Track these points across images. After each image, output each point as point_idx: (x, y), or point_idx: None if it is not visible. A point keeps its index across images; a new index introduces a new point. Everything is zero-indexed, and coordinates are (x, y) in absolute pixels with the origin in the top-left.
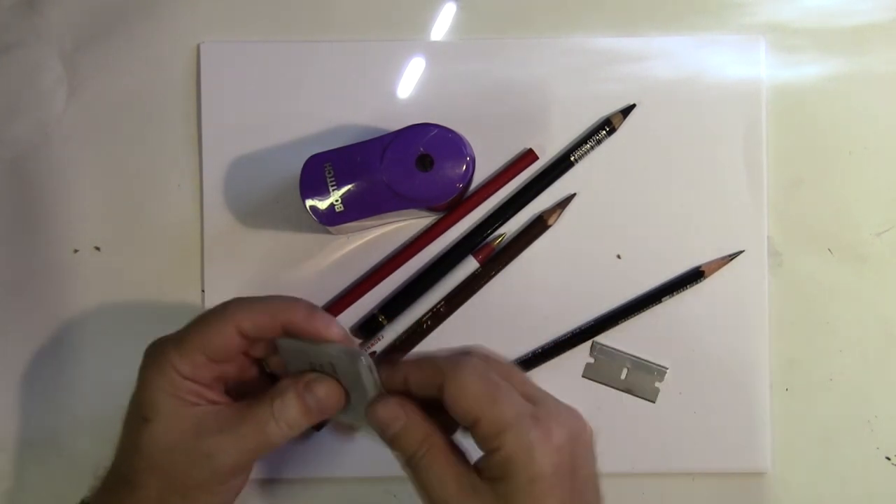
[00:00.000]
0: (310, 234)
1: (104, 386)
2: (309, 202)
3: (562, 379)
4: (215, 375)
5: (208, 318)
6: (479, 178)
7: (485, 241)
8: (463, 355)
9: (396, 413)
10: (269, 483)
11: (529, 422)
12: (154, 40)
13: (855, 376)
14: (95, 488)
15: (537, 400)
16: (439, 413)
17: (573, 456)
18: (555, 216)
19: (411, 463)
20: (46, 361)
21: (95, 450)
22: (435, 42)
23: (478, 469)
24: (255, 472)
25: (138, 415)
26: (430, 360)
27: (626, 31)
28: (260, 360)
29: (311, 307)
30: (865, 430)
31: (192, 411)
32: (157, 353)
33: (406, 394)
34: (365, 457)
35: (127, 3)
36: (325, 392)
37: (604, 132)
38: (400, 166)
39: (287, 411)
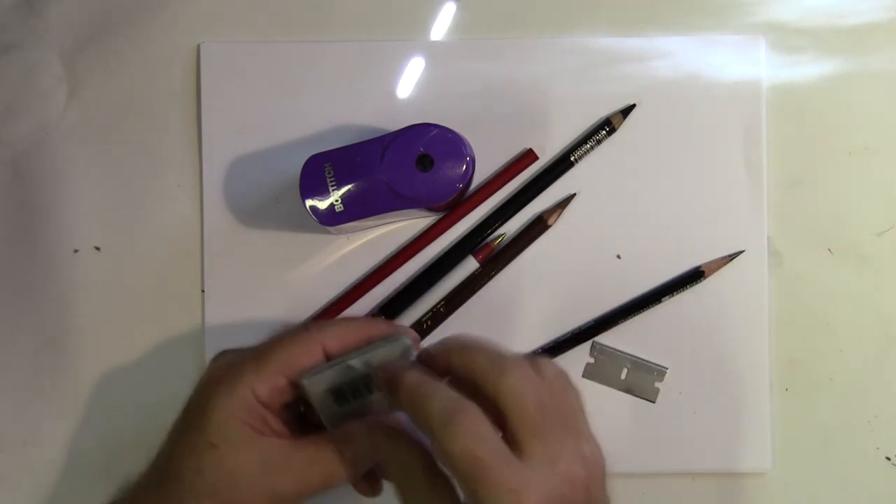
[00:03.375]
0: (310, 234)
1: (104, 386)
2: (309, 202)
3: None
4: (285, 401)
5: (295, 338)
6: (479, 178)
7: (485, 241)
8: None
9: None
10: None
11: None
12: (154, 40)
13: (855, 376)
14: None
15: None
16: None
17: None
18: (555, 216)
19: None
20: (46, 361)
21: (95, 450)
22: (435, 42)
23: None
24: None
25: (203, 438)
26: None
27: (626, 31)
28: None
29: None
30: (865, 430)
31: (259, 442)
32: (232, 373)
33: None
34: None
35: (127, 3)
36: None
37: (604, 132)
38: (400, 166)
39: (358, 455)
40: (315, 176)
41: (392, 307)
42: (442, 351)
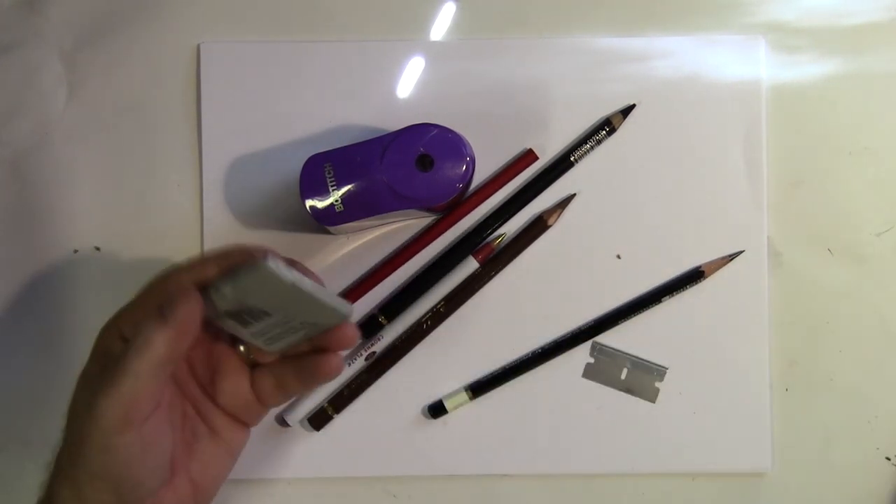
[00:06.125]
0: (310, 234)
1: None
2: (309, 202)
3: (562, 379)
4: None
5: (159, 274)
6: (479, 178)
7: (485, 241)
8: None
9: None
10: (269, 483)
11: None
12: (154, 40)
13: (855, 376)
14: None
15: None
16: None
17: None
18: (555, 216)
19: None
20: (46, 361)
21: None
22: (435, 42)
23: None
24: (255, 472)
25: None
26: None
27: (626, 31)
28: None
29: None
30: (865, 430)
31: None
32: (110, 319)
33: None
34: (364, 457)
35: (127, 3)
36: (178, 297)
37: (604, 132)
38: (400, 166)
39: (142, 331)
40: (315, 176)
41: (392, 307)
42: None
